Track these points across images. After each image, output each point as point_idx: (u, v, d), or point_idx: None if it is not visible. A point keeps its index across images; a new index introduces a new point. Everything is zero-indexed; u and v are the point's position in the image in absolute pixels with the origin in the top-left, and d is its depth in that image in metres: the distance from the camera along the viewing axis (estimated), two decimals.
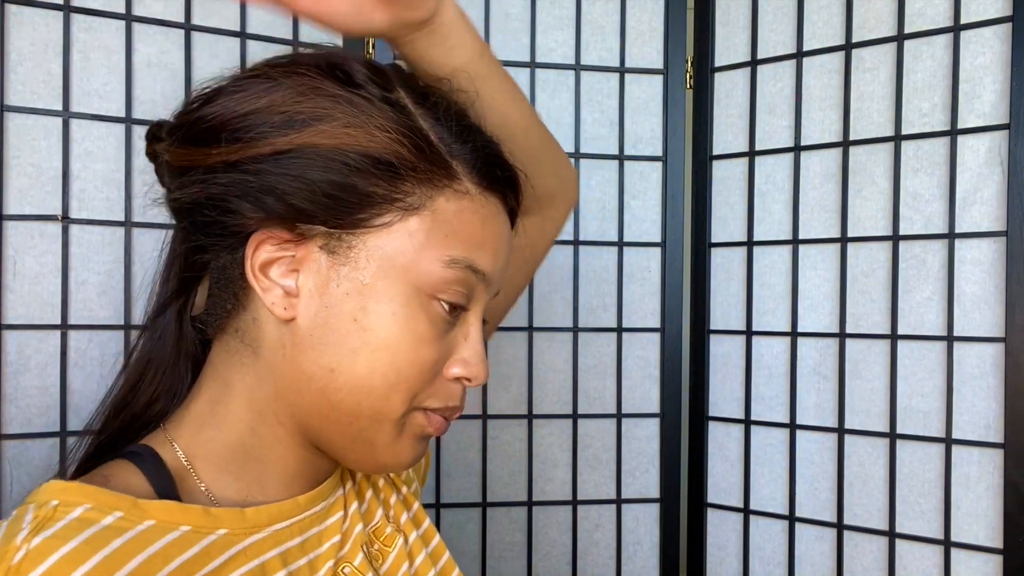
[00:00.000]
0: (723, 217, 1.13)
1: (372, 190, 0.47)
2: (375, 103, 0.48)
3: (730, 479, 1.12)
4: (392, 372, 0.48)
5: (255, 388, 0.51)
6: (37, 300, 0.87)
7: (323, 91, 0.48)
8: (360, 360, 0.48)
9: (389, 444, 0.51)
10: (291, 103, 0.48)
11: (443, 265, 0.49)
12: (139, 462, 0.50)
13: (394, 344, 0.48)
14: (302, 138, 0.47)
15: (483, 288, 0.52)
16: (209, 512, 0.48)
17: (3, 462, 0.85)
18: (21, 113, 0.86)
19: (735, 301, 1.12)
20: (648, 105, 1.13)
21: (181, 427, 0.52)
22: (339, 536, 0.55)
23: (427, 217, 0.49)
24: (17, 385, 0.86)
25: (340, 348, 0.48)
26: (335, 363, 0.48)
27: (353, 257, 0.48)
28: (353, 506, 0.58)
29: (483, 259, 0.51)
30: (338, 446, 0.51)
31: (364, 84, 0.49)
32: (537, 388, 1.11)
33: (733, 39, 1.11)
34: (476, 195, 0.51)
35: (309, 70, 0.49)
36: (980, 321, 0.94)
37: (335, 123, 0.47)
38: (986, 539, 0.94)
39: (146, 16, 0.91)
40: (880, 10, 1.00)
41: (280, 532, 0.51)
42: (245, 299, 0.50)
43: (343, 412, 0.49)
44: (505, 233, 0.53)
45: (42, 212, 0.87)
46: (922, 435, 0.98)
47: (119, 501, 0.45)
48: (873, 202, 1.01)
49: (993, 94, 0.93)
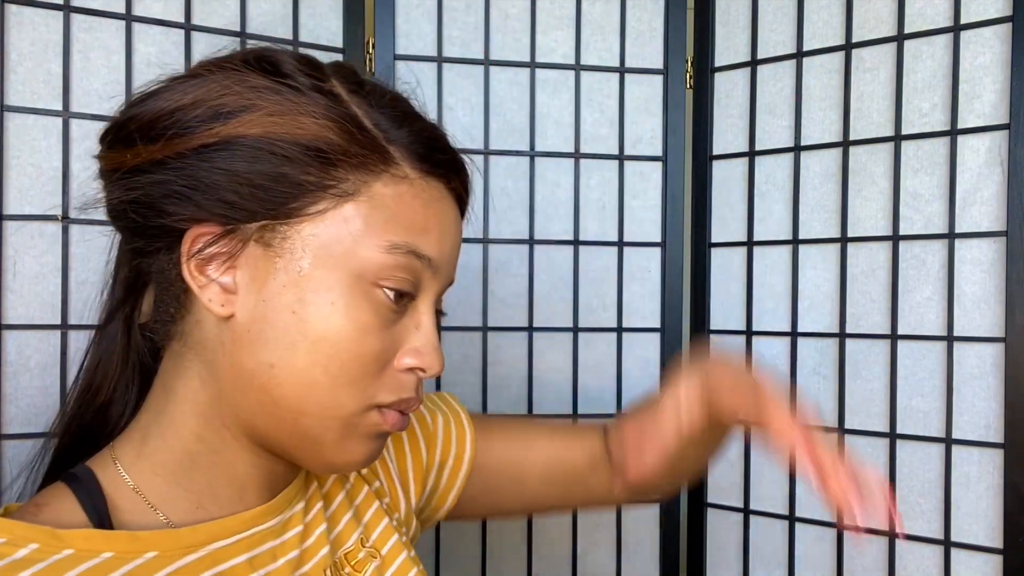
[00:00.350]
0: (723, 217, 1.13)
1: (303, 178, 0.46)
2: (303, 91, 0.47)
3: (730, 479, 1.12)
4: (334, 364, 0.47)
5: (199, 391, 0.50)
6: (37, 300, 0.87)
7: (248, 83, 0.47)
8: (299, 353, 0.47)
9: (337, 442, 0.49)
10: (216, 97, 0.47)
11: (383, 251, 0.47)
12: (75, 487, 0.48)
13: (334, 335, 0.47)
14: (227, 130, 0.46)
15: (431, 275, 0.50)
16: (136, 536, 0.46)
17: (3, 462, 0.85)
18: (21, 113, 0.86)
19: (735, 301, 1.12)
20: (648, 105, 1.13)
21: (127, 442, 0.51)
22: (297, 551, 0.53)
23: (363, 203, 0.47)
24: (17, 385, 0.86)
25: (279, 342, 0.47)
26: (275, 358, 0.47)
27: (289, 248, 0.47)
28: (320, 528, 0.55)
29: (427, 244, 0.49)
30: (286, 445, 0.50)
31: (292, 74, 0.48)
32: (537, 388, 1.11)
33: (733, 39, 1.11)
34: (416, 179, 0.49)
35: (236, 64, 0.49)
36: (980, 321, 0.94)
37: (260, 112, 0.46)
38: (986, 539, 0.94)
39: (146, 16, 0.91)
40: (880, 10, 1.00)
41: (220, 551, 0.49)
42: (187, 301, 0.49)
43: (287, 409, 0.48)
44: (450, 217, 0.52)
45: (42, 212, 0.87)
46: (922, 435, 0.98)
47: (36, 533, 0.44)
48: (873, 202, 1.01)
49: (993, 94, 0.93)
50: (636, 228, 1.13)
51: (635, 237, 1.12)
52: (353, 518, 0.59)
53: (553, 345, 1.11)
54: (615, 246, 1.12)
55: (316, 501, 0.57)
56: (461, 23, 1.07)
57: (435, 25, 1.06)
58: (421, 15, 1.06)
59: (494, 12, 1.08)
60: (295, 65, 0.49)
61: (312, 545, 0.54)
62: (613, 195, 1.12)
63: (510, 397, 1.11)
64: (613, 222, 1.12)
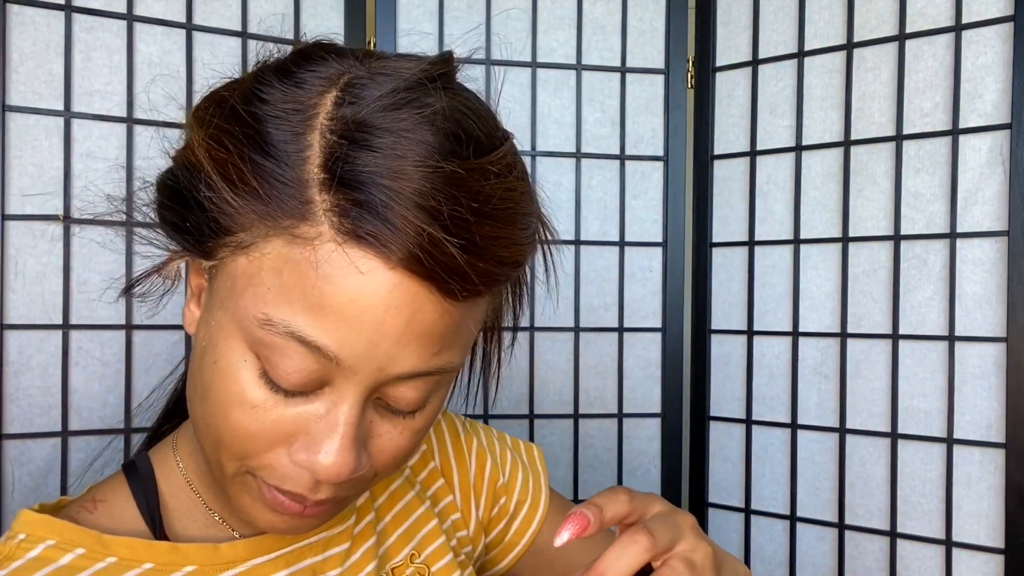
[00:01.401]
0: (724, 217, 1.13)
1: (217, 218, 0.40)
2: (262, 121, 0.40)
3: (731, 479, 1.12)
4: (211, 426, 0.42)
5: None
6: (38, 300, 0.87)
7: (218, 97, 0.42)
8: (196, 398, 0.43)
9: (235, 497, 0.44)
10: (198, 107, 0.43)
11: (257, 324, 0.39)
12: (133, 482, 0.49)
13: (212, 396, 0.41)
14: (183, 151, 0.43)
15: (334, 367, 0.39)
16: (177, 548, 0.46)
17: (4, 462, 0.85)
18: (23, 113, 0.86)
19: (736, 301, 1.12)
20: (649, 105, 1.13)
21: (187, 434, 0.52)
22: (339, 570, 0.52)
23: (255, 260, 0.39)
24: (18, 385, 0.86)
25: (193, 379, 0.43)
26: (190, 396, 0.44)
27: (213, 289, 0.42)
28: (369, 542, 0.54)
29: (319, 329, 0.38)
30: None
31: (269, 98, 0.40)
32: (538, 388, 1.11)
33: (734, 39, 1.11)
34: (328, 244, 0.37)
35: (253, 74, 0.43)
36: (982, 321, 0.94)
37: (199, 136, 0.41)
38: (987, 539, 0.94)
39: (147, 16, 0.91)
40: (881, 10, 1.00)
41: (261, 566, 0.48)
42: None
43: (205, 442, 0.44)
44: (384, 300, 0.38)
45: (43, 212, 0.87)
46: (923, 435, 0.98)
47: (83, 537, 0.45)
48: (874, 202, 1.01)
49: (994, 94, 0.93)
50: (637, 228, 1.13)
51: (636, 237, 1.12)
52: (405, 533, 0.57)
53: (554, 345, 1.11)
54: (616, 246, 1.12)
55: (367, 513, 0.56)
56: (463, 22, 1.07)
57: (436, 25, 1.06)
58: (422, 15, 1.06)
59: (495, 11, 1.08)
60: (290, 81, 0.41)
61: (358, 561, 0.53)
62: (614, 195, 1.12)
63: (511, 397, 1.11)
64: (614, 222, 1.12)
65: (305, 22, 1.00)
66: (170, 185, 0.43)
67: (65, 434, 0.87)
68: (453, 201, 0.38)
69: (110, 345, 0.90)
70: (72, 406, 0.88)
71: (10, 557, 0.43)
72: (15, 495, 0.86)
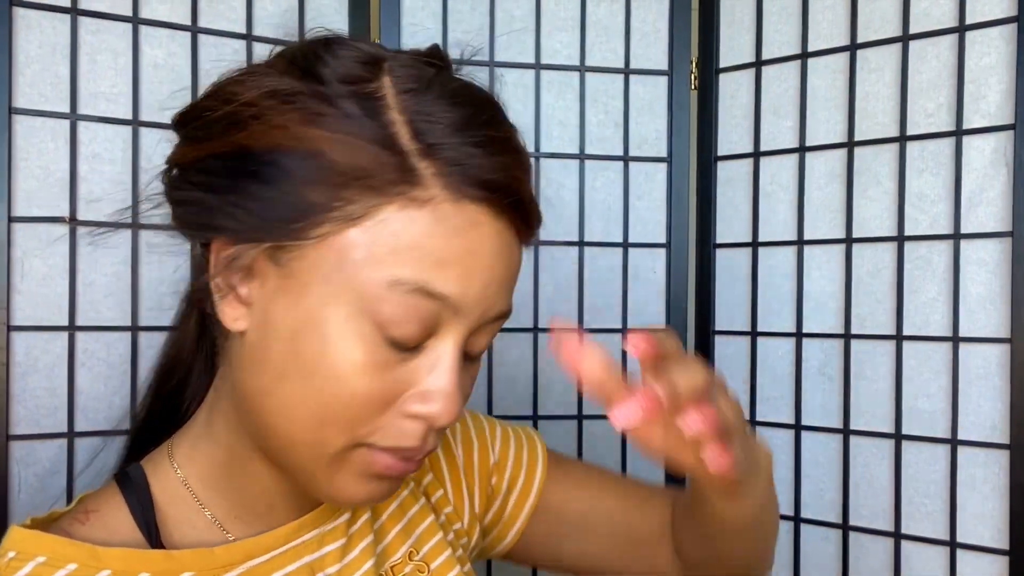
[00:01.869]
0: (728, 218, 1.13)
1: (308, 198, 0.42)
2: (330, 101, 0.43)
3: None
4: (319, 404, 0.43)
5: (227, 402, 0.48)
6: (45, 301, 0.87)
7: (270, 87, 0.44)
8: (287, 386, 0.43)
9: (328, 479, 0.45)
10: (236, 100, 0.44)
11: (384, 287, 0.42)
12: (127, 491, 0.48)
13: (324, 372, 0.42)
14: (239, 139, 0.43)
15: (452, 315, 0.43)
16: (171, 555, 0.46)
17: (11, 463, 0.86)
18: (29, 116, 0.87)
19: (740, 302, 1.12)
20: (653, 106, 1.13)
21: (184, 440, 0.51)
22: (337, 566, 0.52)
23: (370, 229, 0.41)
24: (25, 386, 0.87)
25: (273, 370, 0.43)
26: (267, 386, 0.44)
27: (296, 270, 0.43)
28: (366, 540, 0.54)
29: (446, 280, 0.42)
30: (287, 471, 0.47)
31: (326, 79, 0.43)
32: (542, 389, 1.11)
33: (738, 40, 1.11)
34: (444, 203, 0.42)
35: (279, 62, 0.46)
36: (986, 322, 0.94)
37: (270, 124, 0.43)
38: (992, 540, 0.94)
39: (153, 19, 0.92)
40: (885, 10, 1.00)
41: (258, 567, 0.48)
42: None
43: (276, 438, 0.45)
44: (490, 247, 0.44)
45: (50, 214, 0.87)
46: (928, 436, 0.98)
47: (76, 551, 0.44)
48: (878, 203, 1.01)
49: (998, 94, 0.93)
50: (641, 229, 1.13)
51: (640, 238, 1.12)
52: (403, 531, 0.57)
53: None
54: (620, 247, 1.12)
55: (363, 512, 0.55)
56: (466, 24, 1.07)
57: (440, 27, 1.06)
58: (426, 17, 1.06)
59: (499, 14, 1.08)
60: (337, 65, 0.44)
61: (356, 558, 0.53)
62: (618, 196, 1.12)
63: (515, 398, 1.11)
64: (618, 223, 1.12)
65: (309, 24, 1.00)
66: (241, 172, 0.43)
67: (71, 435, 0.88)
68: (517, 154, 0.47)
69: (116, 347, 0.90)
70: (78, 407, 0.88)
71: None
72: (21, 496, 0.86)
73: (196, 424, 0.51)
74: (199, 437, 0.51)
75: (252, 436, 0.48)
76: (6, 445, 0.85)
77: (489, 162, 0.44)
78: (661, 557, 0.66)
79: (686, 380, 0.41)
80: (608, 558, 0.66)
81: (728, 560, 0.60)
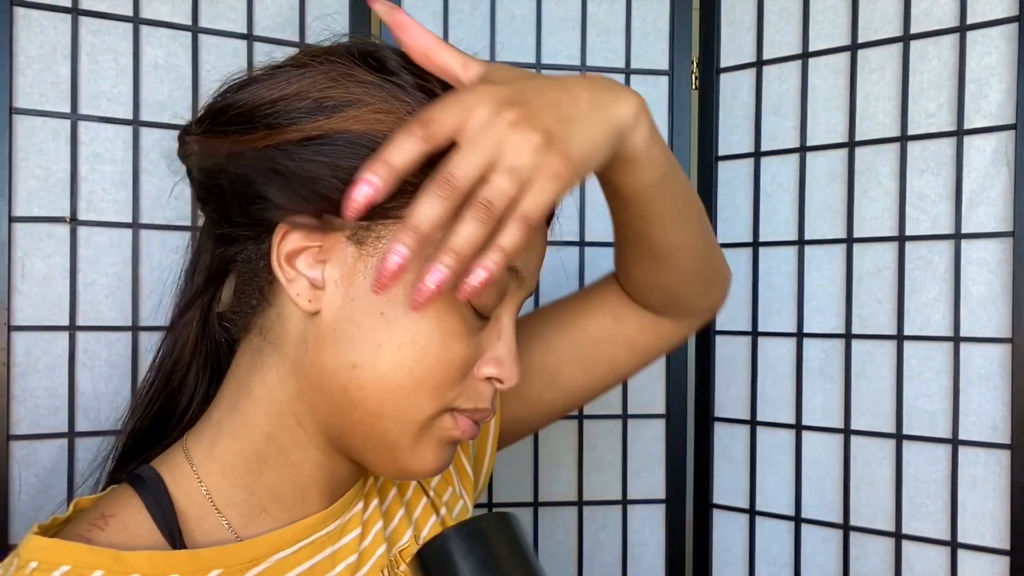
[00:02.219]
0: (729, 218, 1.13)
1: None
2: (407, 90, 0.47)
3: (736, 480, 1.12)
4: (421, 368, 0.46)
5: (276, 389, 0.49)
6: (45, 302, 0.87)
7: (354, 77, 0.47)
8: (384, 356, 0.46)
9: (411, 448, 0.48)
10: (321, 89, 0.46)
11: None
12: (143, 492, 0.48)
13: (423, 339, 0.46)
14: (331, 124, 0.45)
15: (517, 286, 0.50)
16: (198, 555, 0.46)
17: (12, 463, 0.86)
18: (30, 116, 0.87)
19: (740, 302, 1.12)
20: (654, 106, 1.11)
21: (199, 440, 0.51)
22: (355, 556, 0.52)
23: None
24: (25, 386, 0.87)
25: (364, 343, 0.46)
26: (358, 358, 0.46)
27: (382, 248, 0.46)
28: (377, 526, 0.55)
29: (521, 257, 0.48)
30: (359, 447, 0.49)
31: (397, 71, 0.47)
32: None
33: (738, 40, 1.11)
34: None
35: (341, 58, 0.48)
36: (987, 322, 0.94)
37: (365, 108, 0.46)
38: (993, 540, 0.94)
39: (153, 19, 0.92)
40: (886, 10, 1.00)
41: (283, 561, 0.49)
42: (271, 294, 0.49)
43: (365, 411, 0.47)
44: (541, 227, 0.51)
45: (50, 214, 0.87)
46: (928, 436, 0.97)
47: (100, 558, 0.43)
48: (879, 202, 1.01)
49: (999, 94, 0.93)
50: None
51: None
52: (405, 515, 0.59)
53: None
54: None
55: (372, 497, 0.57)
56: (467, 24, 1.07)
57: (441, 26, 1.06)
58: (427, 17, 1.06)
59: (499, 13, 1.08)
60: (399, 62, 0.48)
61: (369, 545, 0.54)
62: None
63: None
64: None
65: (310, 24, 1.00)
66: (327, 157, 0.45)
67: (72, 435, 0.88)
68: None
69: (116, 346, 0.90)
70: (79, 407, 0.88)
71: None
72: (22, 496, 0.86)
73: (213, 422, 0.51)
74: (219, 434, 0.50)
75: (319, 417, 0.49)
76: (6, 445, 0.85)
77: None
78: (634, 333, 0.67)
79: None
80: (588, 376, 0.68)
81: (668, 250, 0.59)
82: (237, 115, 0.48)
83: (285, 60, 0.50)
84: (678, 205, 0.56)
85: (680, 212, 0.57)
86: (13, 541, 0.85)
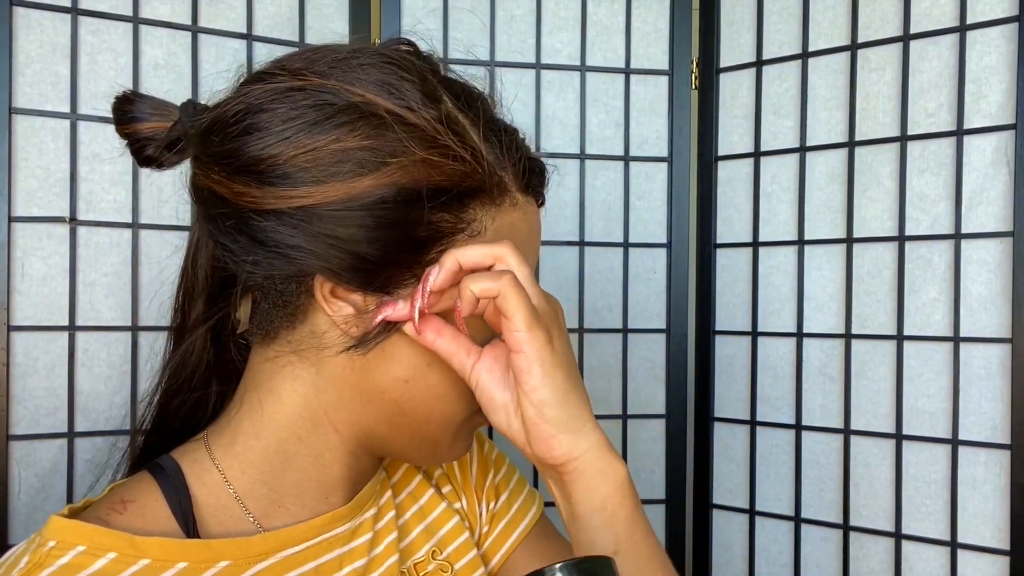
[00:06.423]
0: (728, 218, 1.13)
1: (439, 225, 0.47)
2: (431, 124, 0.46)
3: (735, 480, 1.12)
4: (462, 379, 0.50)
5: (312, 398, 0.50)
6: (45, 302, 0.87)
7: (375, 120, 0.45)
8: (434, 370, 0.50)
9: (450, 443, 0.54)
10: (345, 141, 0.45)
11: None
12: (163, 481, 0.49)
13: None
14: (362, 184, 0.45)
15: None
16: (208, 545, 0.47)
17: (11, 463, 0.86)
18: (29, 115, 0.87)
19: (740, 302, 1.12)
20: (653, 106, 1.13)
21: (219, 436, 0.52)
22: (364, 560, 0.53)
23: (490, 236, 0.49)
24: (25, 386, 0.87)
25: (415, 360, 0.49)
26: (409, 374, 0.49)
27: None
28: (391, 536, 0.56)
29: (531, 263, 0.51)
30: (401, 447, 0.53)
31: (415, 106, 0.46)
32: None
33: (738, 40, 1.11)
34: (522, 202, 0.51)
35: (354, 90, 0.46)
36: (987, 322, 0.94)
37: (394, 165, 0.45)
38: (993, 540, 0.94)
39: (153, 18, 0.92)
40: (886, 10, 1.00)
41: (291, 558, 0.50)
42: (302, 313, 0.48)
43: (413, 418, 0.51)
44: (539, 227, 0.55)
45: (50, 214, 0.87)
46: (928, 436, 0.97)
47: (115, 541, 0.45)
48: (879, 202, 1.01)
49: (999, 94, 0.93)
50: (641, 229, 1.13)
51: (640, 238, 1.12)
52: (425, 530, 0.59)
53: None
54: (620, 247, 1.12)
55: (388, 510, 0.58)
56: (467, 24, 1.07)
57: (441, 27, 1.06)
58: (427, 16, 1.06)
59: (499, 13, 1.08)
60: (418, 91, 0.47)
61: (381, 553, 0.55)
62: (618, 196, 1.12)
63: None
64: (618, 223, 1.12)
65: (310, 24, 1.00)
66: (390, 215, 0.45)
67: (71, 435, 0.88)
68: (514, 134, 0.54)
69: (116, 347, 0.90)
70: (78, 407, 0.88)
71: (40, 565, 0.43)
72: (21, 496, 0.86)
73: (230, 425, 0.52)
74: (239, 433, 0.51)
75: (363, 424, 0.51)
76: (6, 445, 0.85)
77: (533, 165, 0.53)
78: None
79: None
80: None
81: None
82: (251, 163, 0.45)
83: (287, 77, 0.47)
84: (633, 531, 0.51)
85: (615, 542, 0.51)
86: (13, 541, 0.85)
